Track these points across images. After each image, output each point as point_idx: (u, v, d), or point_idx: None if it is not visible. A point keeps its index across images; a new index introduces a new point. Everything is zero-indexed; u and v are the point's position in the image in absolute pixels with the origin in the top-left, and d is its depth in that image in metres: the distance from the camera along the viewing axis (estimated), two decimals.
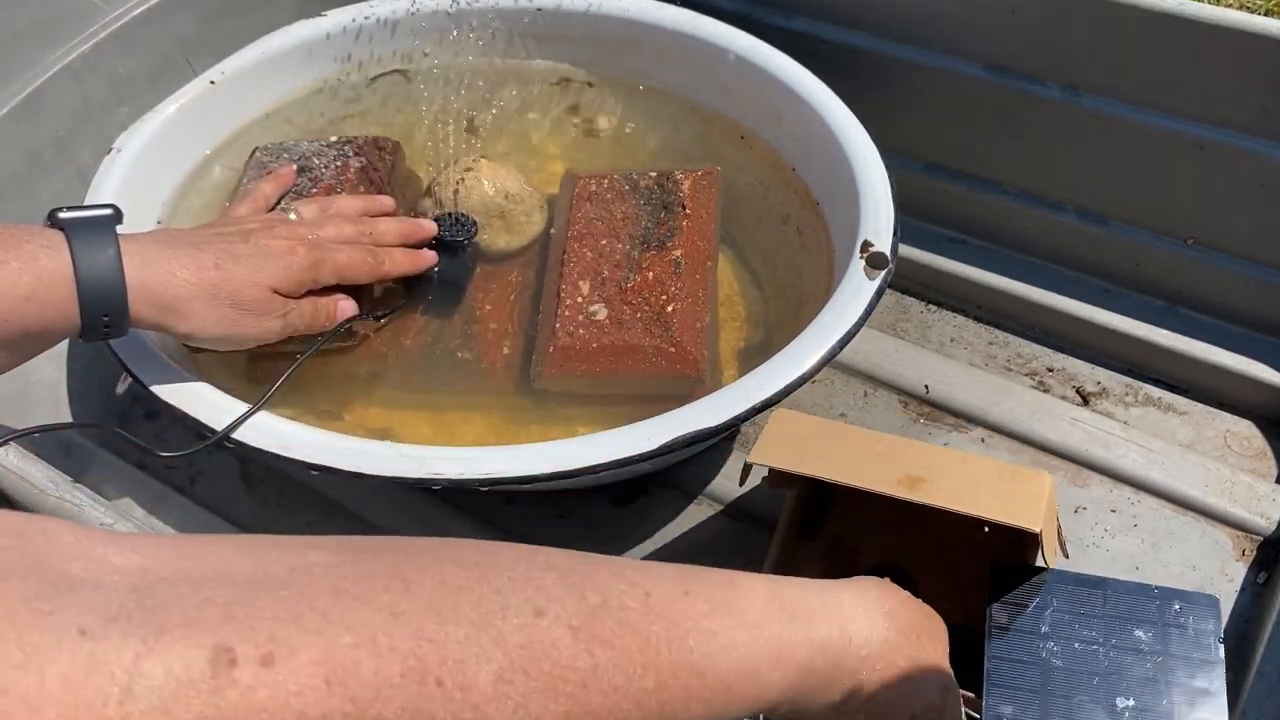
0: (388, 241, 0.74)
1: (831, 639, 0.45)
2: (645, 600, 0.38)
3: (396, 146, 0.85)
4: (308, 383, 0.73)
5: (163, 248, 0.61)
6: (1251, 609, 0.71)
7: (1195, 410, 0.82)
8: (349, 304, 0.70)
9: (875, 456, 0.64)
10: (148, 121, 0.83)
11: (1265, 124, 0.76)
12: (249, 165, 0.83)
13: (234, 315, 0.63)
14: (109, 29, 0.87)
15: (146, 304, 0.60)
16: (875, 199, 0.73)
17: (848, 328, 0.66)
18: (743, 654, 0.40)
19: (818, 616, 0.44)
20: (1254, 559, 0.73)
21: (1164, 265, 0.85)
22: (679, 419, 0.61)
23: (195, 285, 0.61)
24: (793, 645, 0.43)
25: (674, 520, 0.78)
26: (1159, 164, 0.81)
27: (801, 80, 0.82)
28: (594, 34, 0.90)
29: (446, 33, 0.92)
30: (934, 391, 0.83)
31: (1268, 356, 0.81)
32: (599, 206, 0.79)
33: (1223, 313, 0.84)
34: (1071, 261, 0.89)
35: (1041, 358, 0.87)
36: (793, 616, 0.43)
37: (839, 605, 0.46)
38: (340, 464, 0.61)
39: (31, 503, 0.59)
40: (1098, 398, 0.83)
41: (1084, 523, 0.76)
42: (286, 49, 0.89)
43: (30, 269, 0.56)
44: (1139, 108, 0.80)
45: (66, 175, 0.85)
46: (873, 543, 0.74)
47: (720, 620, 0.40)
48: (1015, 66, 0.83)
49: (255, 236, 0.66)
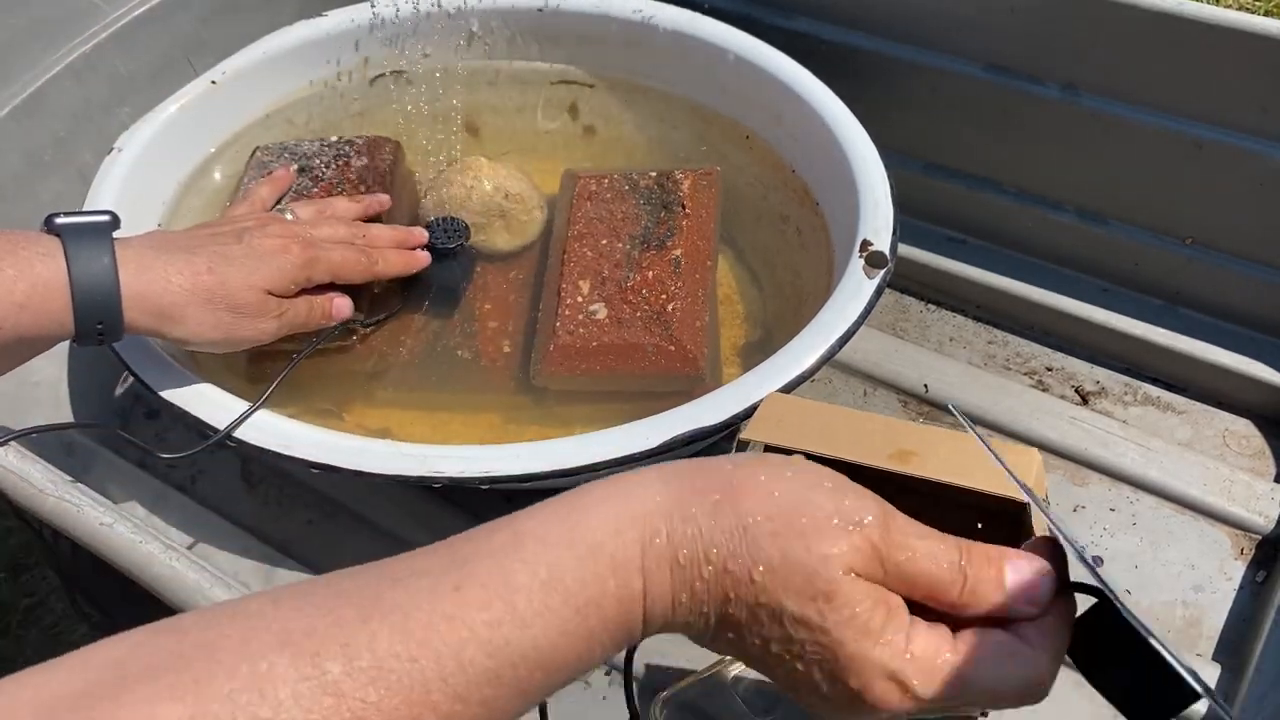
0: (381, 244, 0.74)
1: (625, 588, 0.37)
2: (406, 638, 0.34)
3: (397, 146, 0.85)
4: (307, 382, 0.73)
5: (157, 253, 0.61)
6: (1250, 608, 0.71)
7: (1194, 409, 0.82)
8: (345, 302, 0.71)
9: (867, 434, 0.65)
10: (149, 121, 0.83)
11: (1265, 124, 0.76)
12: (250, 165, 0.83)
13: (229, 319, 0.63)
14: (109, 29, 0.87)
15: (141, 311, 0.60)
16: (875, 198, 0.73)
17: (847, 327, 0.66)
18: (536, 635, 0.36)
19: (593, 576, 0.37)
20: (1252, 558, 0.73)
21: (1163, 265, 0.85)
22: (678, 417, 0.61)
23: (190, 291, 0.61)
24: (585, 614, 0.37)
25: None
26: (1158, 164, 0.81)
27: (801, 80, 0.82)
28: (594, 34, 0.90)
29: (447, 33, 0.92)
30: (933, 390, 0.83)
31: (1266, 356, 0.81)
32: (599, 206, 0.79)
33: (1221, 312, 0.84)
34: (1071, 261, 0.89)
35: (1040, 357, 0.87)
36: (571, 592, 0.37)
37: (601, 550, 0.38)
38: (341, 462, 0.61)
39: (31, 502, 0.60)
40: (1096, 397, 0.84)
41: (1083, 522, 0.76)
42: (287, 49, 0.89)
43: (25, 276, 0.56)
44: (1139, 107, 0.80)
45: (67, 175, 0.85)
46: None
47: (498, 611, 0.35)
48: (1015, 66, 0.83)
49: (249, 236, 0.66)
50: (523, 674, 0.36)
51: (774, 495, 0.38)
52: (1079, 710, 0.67)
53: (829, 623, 0.37)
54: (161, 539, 0.57)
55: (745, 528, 0.37)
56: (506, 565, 0.36)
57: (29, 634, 1.17)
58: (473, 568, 0.36)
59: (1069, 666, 0.41)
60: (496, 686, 0.35)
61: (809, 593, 0.37)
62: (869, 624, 0.37)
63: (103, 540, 0.57)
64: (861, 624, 0.37)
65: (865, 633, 0.37)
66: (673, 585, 0.38)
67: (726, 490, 0.38)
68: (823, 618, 0.37)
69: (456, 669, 0.34)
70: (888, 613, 0.38)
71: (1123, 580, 0.73)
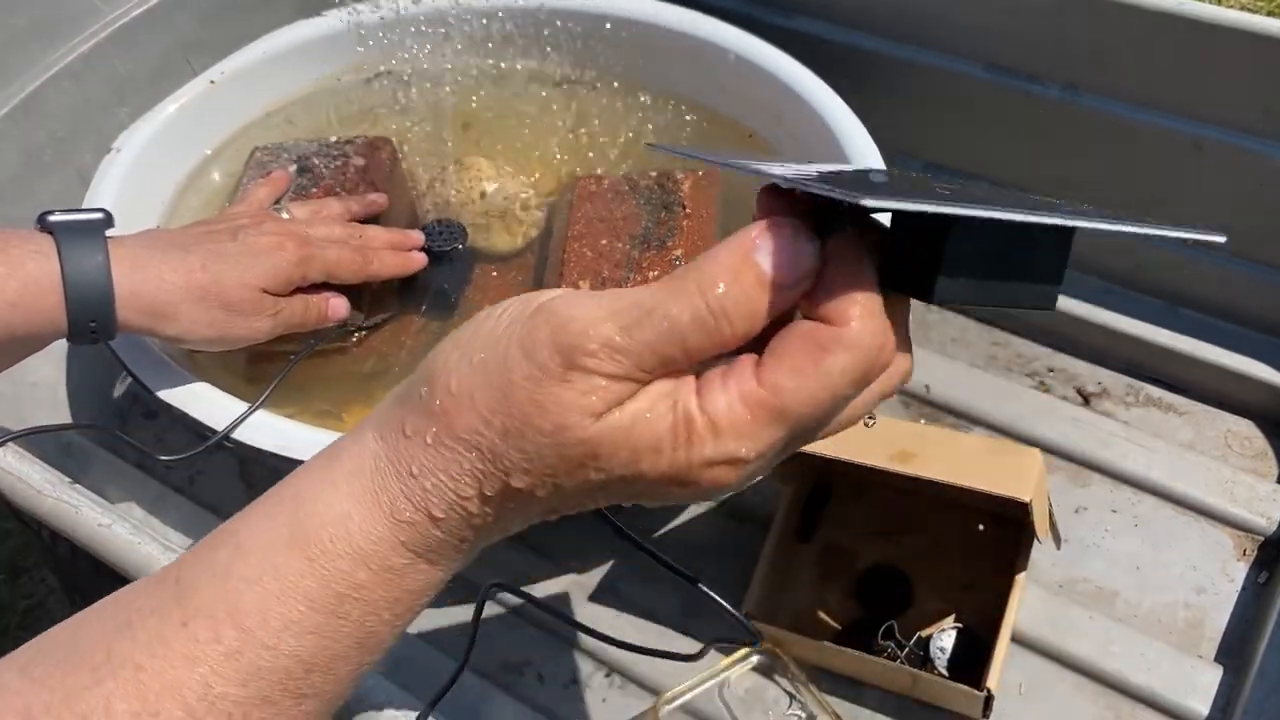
0: (376, 246, 0.74)
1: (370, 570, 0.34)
2: (142, 693, 0.32)
3: (395, 147, 0.85)
4: (306, 383, 0.73)
5: (151, 251, 0.61)
6: (1252, 609, 0.70)
7: (1196, 410, 0.82)
8: (341, 302, 0.70)
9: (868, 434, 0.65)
10: (147, 121, 0.83)
11: (1265, 124, 0.76)
12: (248, 165, 0.83)
13: (223, 317, 0.63)
14: (109, 29, 0.87)
15: (134, 310, 0.60)
16: None
17: None
18: (291, 649, 0.33)
19: (318, 561, 0.34)
20: (1255, 559, 0.73)
21: (1164, 265, 0.85)
22: None
23: (183, 289, 0.61)
24: (325, 612, 0.33)
25: (673, 520, 0.77)
26: (1159, 163, 0.81)
27: (801, 80, 0.82)
28: (594, 34, 0.90)
29: (447, 33, 0.92)
30: (935, 392, 0.83)
31: (1268, 356, 0.81)
32: (599, 206, 0.79)
33: (1223, 313, 0.84)
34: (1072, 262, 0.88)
35: (1042, 358, 0.86)
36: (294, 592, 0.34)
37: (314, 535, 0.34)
38: None
39: (29, 504, 0.59)
40: (1098, 398, 0.83)
41: (1085, 523, 0.76)
42: (286, 49, 0.89)
43: (17, 275, 0.56)
44: (1139, 107, 0.80)
45: (66, 175, 0.85)
46: (867, 546, 0.74)
47: (232, 640, 0.32)
48: (1015, 66, 0.83)
49: (244, 234, 0.66)
50: (298, 683, 0.33)
51: (475, 398, 0.32)
52: (1079, 710, 0.67)
53: (615, 474, 0.32)
54: (160, 540, 0.57)
55: (476, 447, 0.32)
56: (231, 587, 0.33)
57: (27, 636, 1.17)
58: (198, 597, 0.33)
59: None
60: (267, 706, 0.33)
61: (575, 465, 0.32)
62: (653, 444, 0.32)
63: (101, 541, 0.57)
64: (646, 449, 0.32)
65: (655, 451, 0.32)
66: (447, 536, 0.34)
67: (436, 419, 0.33)
68: (606, 473, 0.32)
69: (208, 709, 0.32)
70: (658, 414, 0.32)
71: (1124, 581, 0.73)
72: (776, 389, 0.31)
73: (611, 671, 0.71)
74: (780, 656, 0.68)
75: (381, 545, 0.33)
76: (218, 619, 0.32)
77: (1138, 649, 0.68)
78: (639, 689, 0.70)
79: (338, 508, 0.33)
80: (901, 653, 0.68)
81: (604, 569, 0.75)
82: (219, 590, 0.33)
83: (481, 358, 0.33)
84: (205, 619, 0.32)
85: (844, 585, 0.72)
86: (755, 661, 0.69)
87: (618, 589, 0.74)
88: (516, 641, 0.72)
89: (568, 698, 0.70)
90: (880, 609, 0.70)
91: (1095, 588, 0.72)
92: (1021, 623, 0.69)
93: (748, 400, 0.31)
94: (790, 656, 0.68)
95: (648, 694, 0.69)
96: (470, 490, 0.33)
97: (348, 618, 0.33)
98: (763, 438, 0.32)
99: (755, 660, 0.69)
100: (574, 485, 0.33)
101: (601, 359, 0.31)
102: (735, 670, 0.69)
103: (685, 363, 0.32)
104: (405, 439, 0.33)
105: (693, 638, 0.71)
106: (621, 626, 0.72)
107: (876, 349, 0.31)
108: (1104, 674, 0.68)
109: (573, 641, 0.72)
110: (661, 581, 0.74)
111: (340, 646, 0.34)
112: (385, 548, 0.33)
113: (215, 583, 0.33)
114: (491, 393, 0.32)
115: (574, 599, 0.74)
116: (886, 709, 0.68)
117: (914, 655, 0.68)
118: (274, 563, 0.33)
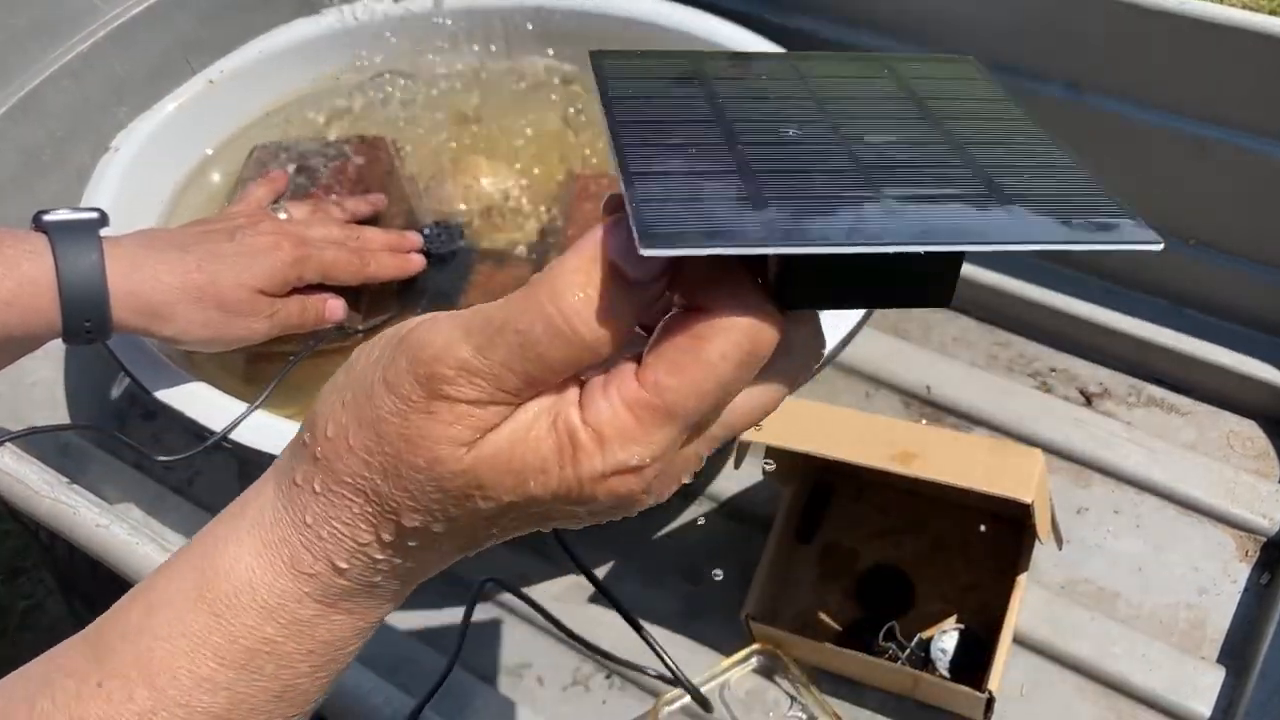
0: (374, 247, 0.73)
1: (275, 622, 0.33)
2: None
3: (394, 146, 0.85)
4: (305, 384, 0.73)
5: (147, 251, 0.61)
6: (1254, 610, 0.70)
7: (1198, 411, 0.82)
8: (338, 303, 0.70)
9: (869, 435, 0.64)
10: (146, 121, 0.82)
11: (1268, 123, 0.75)
12: (247, 164, 0.82)
13: (219, 317, 0.62)
14: (108, 28, 0.87)
15: (130, 309, 0.59)
16: None
17: (849, 327, 0.65)
18: (205, 705, 0.33)
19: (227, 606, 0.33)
20: (1257, 560, 0.73)
21: (1166, 265, 0.85)
22: None
23: (179, 289, 0.61)
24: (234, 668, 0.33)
25: (672, 521, 0.77)
26: (1161, 163, 0.81)
27: None
28: (594, 33, 0.90)
29: (445, 31, 0.92)
30: (936, 392, 0.83)
31: (1271, 356, 0.81)
32: (599, 206, 0.79)
33: (1225, 313, 0.84)
34: (1074, 262, 0.88)
35: (1044, 358, 0.86)
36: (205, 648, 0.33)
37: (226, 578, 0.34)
38: None
39: (27, 504, 0.59)
40: (1100, 398, 0.83)
41: (1087, 523, 0.75)
42: (285, 48, 0.89)
43: (12, 274, 0.56)
44: (1142, 107, 0.79)
45: (65, 175, 0.85)
46: (868, 547, 0.74)
47: (144, 700, 0.32)
48: (1017, 65, 0.83)
49: (241, 234, 0.65)
50: None
51: (350, 441, 0.31)
52: (1081, 712, 0.67)
53: (504, 501, 0.31)
54: (159, 541, 0.57)
55: (361, 491, 0.32)
56: (143, 646, 0.33)
57: (25, 637, 1.17)
58: (113, 657, 0.33)
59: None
60: None
61: (460, 497, 0.31)
62: (539, 465, 0.30)
63: (99, 542, 0.57)
64: (532, 470, 0.30)
65: (541, 472, 0.30)
66: (353, 584, 0.33)
67: (319, 465, 0.32)
68: (495, 502, 0.31)
69: None
70: (539, 433, 0.30)
71: (1126, 582, 0.72)
72: (658, 387, 0.29)
73: (611, 673, 0.71)
74: (781, 657, 0.68)
75: (286, 599, 0.33)
76: (130, 679, 0.32)
77: (1139, 650, 0.68)
78: (639, 690, 0.70)
79: (242, 562, 0.33)
80: (903, 654, 0.67)
81: (604, 569, 0.75)
82: (131, 649, 0.33)
83: (351, 396, 0.32)
84: (119, 679, 0.32)
85: (845, 586, 0.72)
86: (756, 663, 0.69)
87: (618, 590, 0.74)
88: (516, 643, 0.72)
89: (568, 699, 0.70)
90: (881, 610, 0.70)
91: (1097, 588, 0.72)
92: (1023, 624, 0.69)
93: (630, 404, 0.29)
94: (791, 657, 0.68)
95: (648, 695, 0.69)
96: (367, 536, 0.32)
97: (260, 672, 0.33)
98: (654, 441, 0.30)
99: (756, 661, 0.69)
100: (467, 517, 0.32)
101: (461, 385, 0.30)
102: (736, 671, 0.69)
103: (553, 378, 0.30)
104: (296, 488, 0.33)
105: (693, 639, 0.71)
106: (621, 627, 0.72)
107: (755, 327, 0.29)
108: (1106, 675, 0.68)
109: (572, 643, 0.72)
110: (662, 583, 0.74)
111: (256, 701, 0.33)
112: (290, 601, 0.33)
113: (128, 641, 0.33)
114: (365, 432, 0.31)
115: (574, 600, 0.74)
116: (887, 710, 0.67)
117: (915, 656, 0.67)
118: (182, 620, 0.33)
